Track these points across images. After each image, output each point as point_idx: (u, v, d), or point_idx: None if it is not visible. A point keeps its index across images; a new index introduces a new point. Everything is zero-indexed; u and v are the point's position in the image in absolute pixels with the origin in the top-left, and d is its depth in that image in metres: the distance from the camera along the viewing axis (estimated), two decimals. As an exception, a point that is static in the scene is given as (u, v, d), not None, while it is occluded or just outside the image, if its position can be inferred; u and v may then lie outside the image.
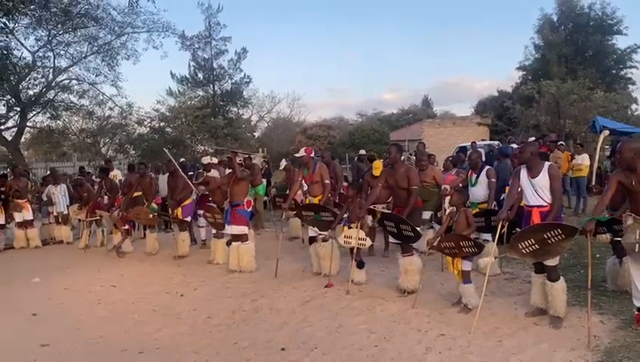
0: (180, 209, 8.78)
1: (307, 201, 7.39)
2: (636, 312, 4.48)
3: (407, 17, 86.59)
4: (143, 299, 6.50)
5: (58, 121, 21.72)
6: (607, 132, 8.12)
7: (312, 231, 7.04)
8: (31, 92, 19.94)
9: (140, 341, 5.03)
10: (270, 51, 78.69)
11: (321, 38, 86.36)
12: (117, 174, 12.50)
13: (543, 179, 4.80)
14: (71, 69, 21.29)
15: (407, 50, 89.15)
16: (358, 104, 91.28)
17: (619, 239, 4.46)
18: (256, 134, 36.57)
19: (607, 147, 13.75)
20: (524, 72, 36.71)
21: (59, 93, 21.06)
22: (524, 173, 4.94)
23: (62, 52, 20.47)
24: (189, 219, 9.08)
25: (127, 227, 9.42)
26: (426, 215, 7.55)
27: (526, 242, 4.64)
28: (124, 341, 5.05)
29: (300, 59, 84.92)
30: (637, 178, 4.24)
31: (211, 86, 30.45)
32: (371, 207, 6.56)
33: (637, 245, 4.18)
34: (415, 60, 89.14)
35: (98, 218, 10.10)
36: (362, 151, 13.64)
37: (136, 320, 5.69)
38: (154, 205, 9.63)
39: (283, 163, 10.82)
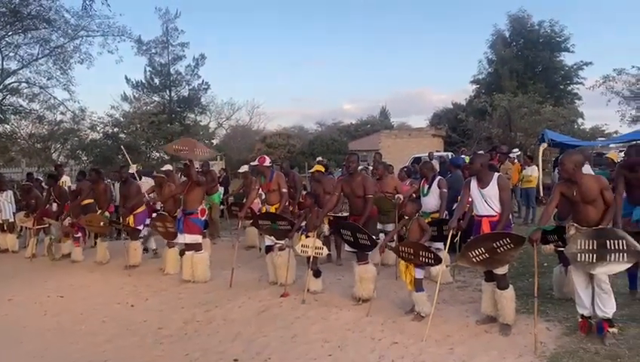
0: (132, 217, 8.57)
1: (264, 210, 7.35)
2: (580, 319, 4.66)
3: (367, 29, 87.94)
4: (91, 309, 6.30)
5: (6, 125, 20.95)
6: (545, 144, 8.48)
7: (269, 241, 7.00)
8: (-24, 95, 19.19)
9: (87, 353, 4.88)
10: (230, 59, 78.29)
11: (283, 47, 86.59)
12: (66, 180, 12.07)
13: (492, 189, 4.93)
14: (20, 71, 20.63)
15: (367, 62, 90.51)
16: (318, 114, 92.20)
17: (563, 249, 4.63)
18: (215, 141, 36.15)
19: (554, 159, 14.29)
20: (478, 86, 37.85)
21: (7, 97, 20.34)
22: (474, 184, 5.07)
23: (11, 54, 19.83)
24: (141, 227, 8.87)
25: (79, 235, 9.13)
26: (389, 227, 7.38)
27: (476, 251, 4.75)
28: (71, 353, 4.89)
29: (261, 67, 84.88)
30: (578, 189, 4.44)
31: (168, 92, 29.94)
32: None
33: (579, 254, 4.35)
34: (374, 72, 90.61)
35: (46, 226, 9.74)
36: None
37: (84, 331, 5.52)
38: (106, 213, 9.35)
39: (244, 168, 10.70)
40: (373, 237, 5.87)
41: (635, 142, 8.26)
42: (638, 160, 5.10)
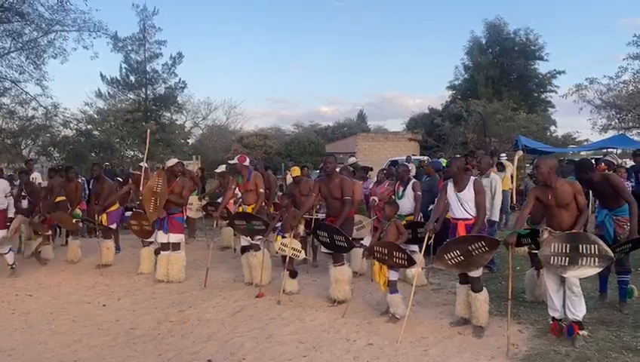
0: (105, 215, 8.42)
1: (240, 210, 7.29)
2: (551, 321, 4.74)
3: (346, 33, 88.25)
4: (61, 308, 6.16)
5: (-26, 120, 20.39)
6: (520, 152, 8.67)
7: (245, 241, 6.96)
8: (-56, 88, 18.64)
9: (56, 353, 4.76)
10: (208, 58, 77.54)
11: (261, 48, 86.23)
12: (37, 177, 11.79)
13: (468, 193, 5.00)
14: (-10, 64, 20.08)
15: (345, 65, 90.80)
16: (295, 115, 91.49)
17: (536, 252, 4.71)
18: (191, 141, 35.73)
19: (528, 165, 14.53)
20: (454, 91, 38.26)
21: (-24, 90, 19.80)
22: (450, 187, 5.13)
23: (-20, 47, 19.29)
24: (114, 226, 8.72)
25: (49, 232, 8.92)
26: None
27: (452, 253, 4.81)
28: (39, 353, 4.76)
29: (239, 68, 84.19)
30: (553, 193, 4.53)
31: (143, 89, 29.49)
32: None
33: (552, 258, 4.43)
34: (352, 75, 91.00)
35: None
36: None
37: (54, 331, 5.38)
38: (78, 211, 9.17)
39: (222, 167, 10.58)
40: (350, 238, 5.89)
41: (568, 161, 8.55)
42: (586, 177, 5.27)
